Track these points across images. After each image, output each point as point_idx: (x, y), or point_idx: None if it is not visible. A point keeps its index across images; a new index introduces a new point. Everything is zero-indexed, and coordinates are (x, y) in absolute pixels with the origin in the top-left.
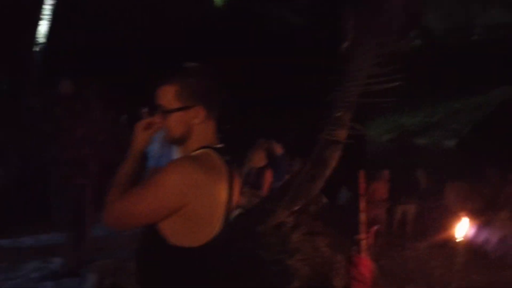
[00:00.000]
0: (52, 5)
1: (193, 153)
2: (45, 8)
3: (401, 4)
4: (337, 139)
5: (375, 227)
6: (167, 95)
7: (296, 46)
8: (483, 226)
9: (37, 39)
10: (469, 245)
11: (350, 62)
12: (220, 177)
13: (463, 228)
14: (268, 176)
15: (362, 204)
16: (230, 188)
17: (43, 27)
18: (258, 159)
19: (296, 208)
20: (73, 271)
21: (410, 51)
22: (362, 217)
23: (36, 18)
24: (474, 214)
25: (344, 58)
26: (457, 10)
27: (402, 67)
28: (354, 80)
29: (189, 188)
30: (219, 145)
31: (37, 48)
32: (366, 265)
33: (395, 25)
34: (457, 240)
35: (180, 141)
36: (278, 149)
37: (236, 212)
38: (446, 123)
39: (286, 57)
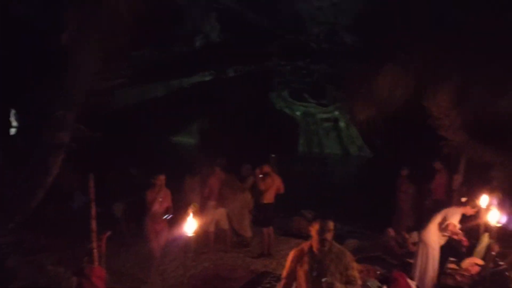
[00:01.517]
0: None
1: None
2: None
3: (122, 4)
4: (59, 142)
5: (107, 233)
6: None
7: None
8: (200, 215)
9: None
10: (197, 235)
11: (71, 56)
12: None
13: (190, 221)
14: None
15: (93, 211)
16: None
17: None
18: None
19: (13, 224)
20: None
21: None
22: (93, 224)
23: None
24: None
25: (65, 52)
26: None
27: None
28: (75, 76)
29: None
30: None
31: None
32: (98, 275)
33: (120, 24)
34: (187, 233)
35: None
36: None
37: None
38: None
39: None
